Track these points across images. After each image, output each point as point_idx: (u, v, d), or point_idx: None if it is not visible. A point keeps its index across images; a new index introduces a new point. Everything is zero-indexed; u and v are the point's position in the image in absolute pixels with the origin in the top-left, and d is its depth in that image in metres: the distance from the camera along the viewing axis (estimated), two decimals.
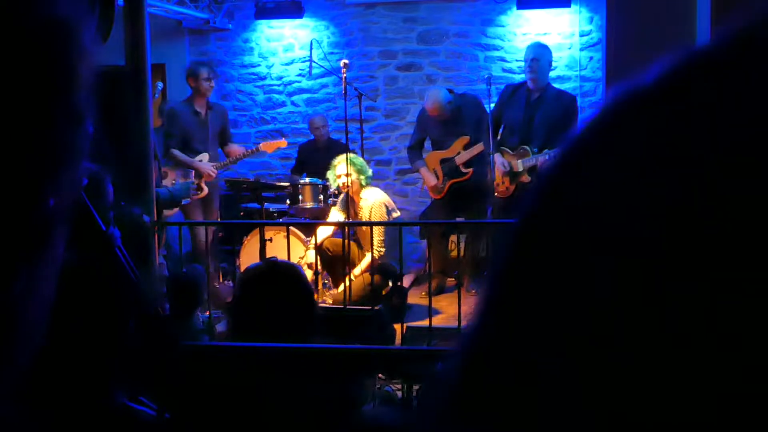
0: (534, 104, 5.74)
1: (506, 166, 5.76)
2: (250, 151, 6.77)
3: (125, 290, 1.18)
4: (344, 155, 5.85)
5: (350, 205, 5.86)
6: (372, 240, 5.66)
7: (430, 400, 0.35)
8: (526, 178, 5.69)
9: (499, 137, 6.07)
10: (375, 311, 4.79)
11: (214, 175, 6.39)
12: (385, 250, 5.78)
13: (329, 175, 6.05)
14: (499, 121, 6.07)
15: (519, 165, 5.69)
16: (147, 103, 4.54)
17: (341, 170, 5.83)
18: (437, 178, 6.51)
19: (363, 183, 5.86)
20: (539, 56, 5.81)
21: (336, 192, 6.13)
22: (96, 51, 0.49)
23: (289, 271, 2.45)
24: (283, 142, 6.91)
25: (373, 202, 5.87)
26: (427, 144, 6.85)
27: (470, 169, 6.34)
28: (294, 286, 2.40)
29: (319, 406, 2.39)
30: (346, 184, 5.75)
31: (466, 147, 6.39)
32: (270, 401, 2.24)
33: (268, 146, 6.73)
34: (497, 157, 5.83)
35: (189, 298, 3.55)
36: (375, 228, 5.70)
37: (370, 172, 6.02)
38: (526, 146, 5.68)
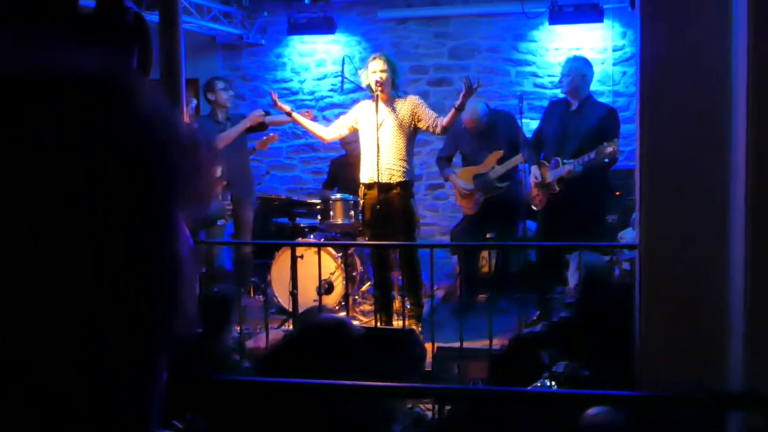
0: (570, 116, 5.76)
1: (538, 178, 5.82)
2: (250, 151, 6.92)
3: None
4: (378, 54, 5.71)
5: (378, 109, 5.54)
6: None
7: None
8: (555, 189, 5.71)
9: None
10: (407, 330, 4.77)
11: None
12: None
13: (361, 73, 5.80)
14: (540, 136, 6.08)
15: (549, 176, 5.73)
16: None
17: (375, 66, 5.57)
18: (470, 193, 6.50)
19: (395, 86, 5.66)
20: (572, 70, 5.81)
21: (368, 87, 5.70)
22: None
23: (334, 331, 2.47)
24: (274, 137, 6.98)
25: (409, 100, 5.70)
26: (457, 160, 6.83)
27: (506, 183, 6.32)
28: (338, 343, 2.42)
29: (349, 425, 2.37)
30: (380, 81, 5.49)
31: (499, 162, 6.38)
32: (298, 421, 2.23)
33: (262, 144, 6.86)
34: (533, 169, 5.93)
35: (221, 316, 3.56)
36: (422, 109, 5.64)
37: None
38: (557, 157, 5.70)
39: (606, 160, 5.54)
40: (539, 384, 3.07)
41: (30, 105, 0.47)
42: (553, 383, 3.15)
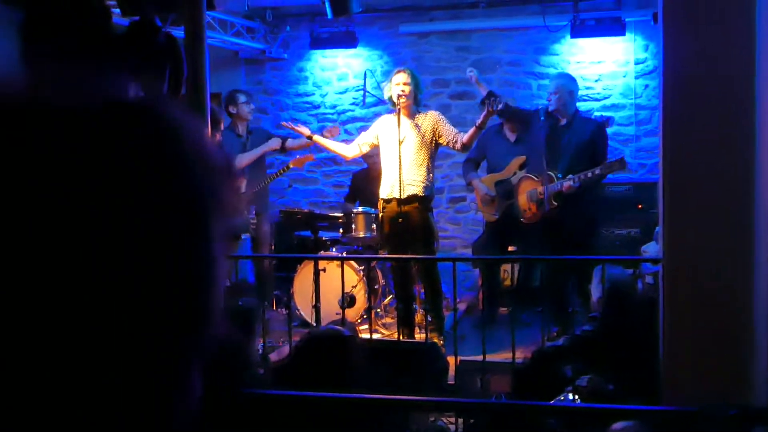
0: (561, 131, 5.76)
1: (532, 193, 5.82)
2: (280, 171, 6.85)
3: None
4: (402, 68, 5.75)
5: (399, 123, 5.59)
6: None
7: None
8: (553, 203, 5.69)
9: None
10: (429, 344, 4.76)
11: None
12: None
13: (384, 87, 5.82)
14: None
15: (543, 190, 5.71)
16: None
17: (399, 79, 5.62)
18: (492, 199, 6.49)
19: (417, 101, 5.71)
20: (559, 87, 5.85)
21: (390, 100, 5.74)
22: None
23: (333, 341, 2.51)
24: (310, 157, 6.93)
25: (430, 115, 5.75)
26: (482, 173, 6.82)
27: None
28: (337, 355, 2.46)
29: None
30: (403, 93, 5.53)
31: (521, 167, 6.38)
32: None
33: (297, 162, 6.79)
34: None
35: (244, 329, 3.58)
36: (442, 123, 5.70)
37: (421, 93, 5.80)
38: (551, 172, 5.68)
39: (619, 171, 5.60)
40: (562, 398, 3.06)
41: (67, 130, 0.49)
42: (577, 397, 3.14)
